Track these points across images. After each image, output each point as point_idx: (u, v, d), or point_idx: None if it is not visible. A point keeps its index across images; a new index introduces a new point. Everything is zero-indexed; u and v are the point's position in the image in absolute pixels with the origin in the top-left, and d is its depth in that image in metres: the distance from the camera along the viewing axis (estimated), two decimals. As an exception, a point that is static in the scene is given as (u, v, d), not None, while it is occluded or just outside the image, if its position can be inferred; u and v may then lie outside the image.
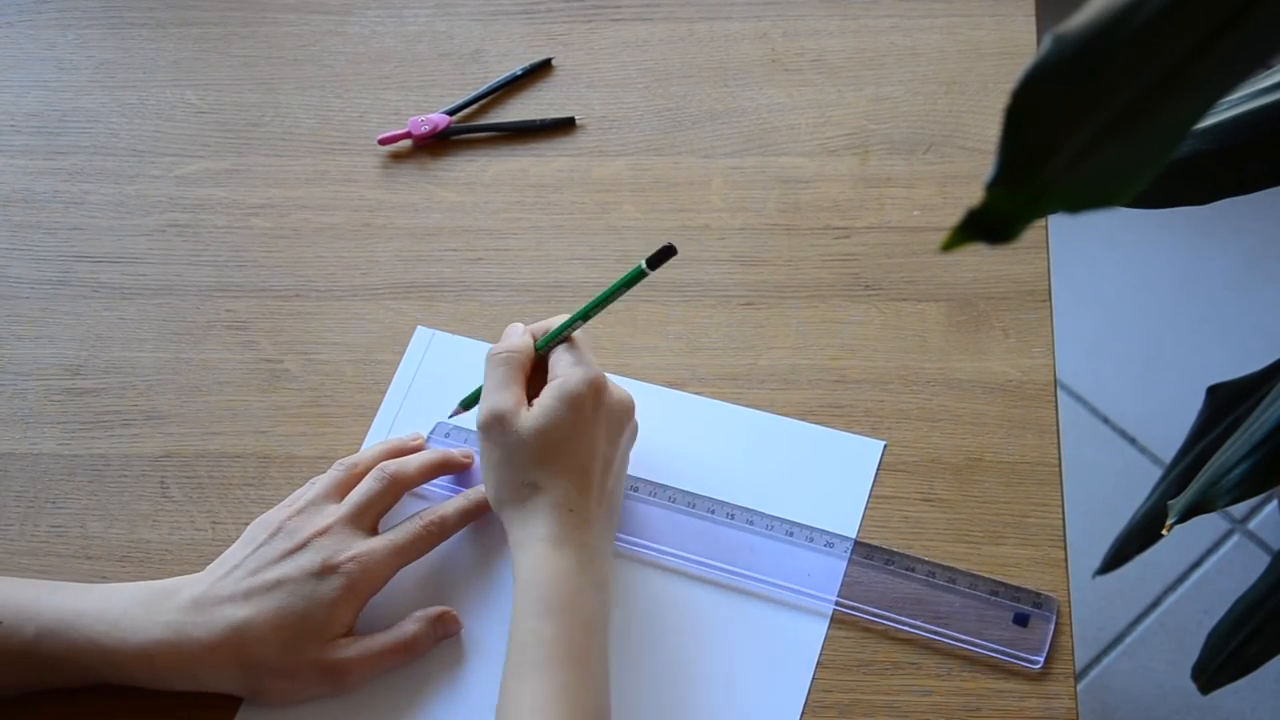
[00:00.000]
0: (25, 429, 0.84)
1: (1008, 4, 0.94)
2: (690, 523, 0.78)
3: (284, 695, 0.72)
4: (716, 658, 0.75)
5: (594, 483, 0.72)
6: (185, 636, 0.70)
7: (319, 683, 0.72)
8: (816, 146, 0.91)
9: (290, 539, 0.73)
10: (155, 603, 0.71)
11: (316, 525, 0.73)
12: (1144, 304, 1.68)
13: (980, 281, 0.85)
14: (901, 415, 0.81)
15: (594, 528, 0.72)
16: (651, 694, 0.74)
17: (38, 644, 0.70)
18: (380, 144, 0.92)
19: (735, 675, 0.74)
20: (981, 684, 0.73)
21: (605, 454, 0.73)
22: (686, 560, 0.77)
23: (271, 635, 0.70)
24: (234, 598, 0.71)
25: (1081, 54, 0.43)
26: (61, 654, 0.70)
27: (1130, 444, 1.60)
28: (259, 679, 0.71)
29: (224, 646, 0.70)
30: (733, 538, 0.77)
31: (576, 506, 0.71)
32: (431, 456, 0.78)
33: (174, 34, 0.98)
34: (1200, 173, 0.79)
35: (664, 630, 0.76)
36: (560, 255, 0.88)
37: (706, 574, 0.77)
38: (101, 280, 0.89)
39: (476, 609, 0.76)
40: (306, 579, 0.71)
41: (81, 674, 0.71)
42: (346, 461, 0.77)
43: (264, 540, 0.73)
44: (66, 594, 0.72)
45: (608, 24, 0.97)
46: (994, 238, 0.43)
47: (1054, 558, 0.76)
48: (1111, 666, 1.48)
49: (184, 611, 0.71)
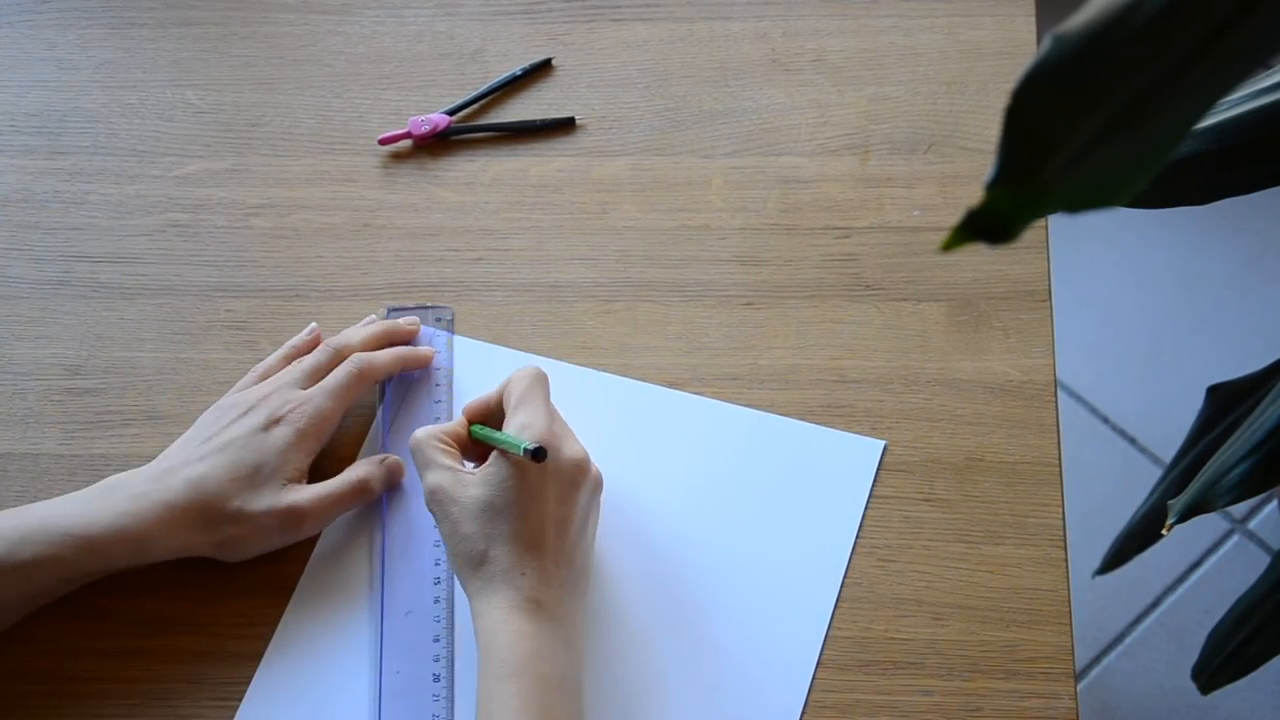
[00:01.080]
0: (25, 429, 0.84)
1: (1008, 4, 0.94)
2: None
3: (247, 545, 0.76)
4: (716, 657, 0.75)
5: (549, 544, 0.71)
6: (150, 502, 0.74)
7: (279, 529, 0.76)
8: (816, 146, 0.91)
9: (235, 409, 0.78)
10: (118, 487, 0.76)
11: (261, 393, 0.79)
12: (1144, 304, 1.68)
13: (980, 281, 0.85)
14: (901, 415, 0.81)
15: (553, 588, 0.70)
16: (651, 694, 0.74)
17: (17, 551, 0.72)
18: (380, 144, 0.92)
19: (736, 675, 0.74)
20: (982, 684, 0.73)
21: (558, 515, 0.71)
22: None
23: (228, 485, 0.75)
24: (189, 462, 0.76)
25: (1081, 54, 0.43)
26: (41, 555, 0.73)
27: (1130, 444, 1.60)
28: (221, 531, 0.75)
29: (185, 504, 0.74)
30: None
31: (529, 569, 0.70)
32: (373, 326, 0.83)
33: (174, 34, 0.98)
34: (1200, 173, 0.79)
35: (663, 630, 0.76)
36: (560, 255, 0.88)
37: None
38: (101, 280, 0.89)
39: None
40: (254, 434, 0.76)
41: (64, 571, 0.74)
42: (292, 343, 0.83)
43: (212, 419, 0.78)
44: (34, 508, 0.75)
45: (608, 24, 0.97)
46: (994, 238, 0.43)
47: (1054, 558, 0.76)
48: (1111, 666, 1.48)
49: (145, 484, 0.75)
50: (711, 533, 0.78)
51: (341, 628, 0.76)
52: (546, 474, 0.71)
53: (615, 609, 0.75)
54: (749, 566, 0.77)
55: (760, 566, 0.77)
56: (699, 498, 0.79)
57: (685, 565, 0.77)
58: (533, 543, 0.70)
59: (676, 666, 0.74)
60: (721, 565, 0.77)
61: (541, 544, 0.70)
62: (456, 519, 0.71)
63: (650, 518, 0.79)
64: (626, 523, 0.78)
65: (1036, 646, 0.74)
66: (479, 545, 0.70)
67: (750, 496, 0.79)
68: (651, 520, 0.79)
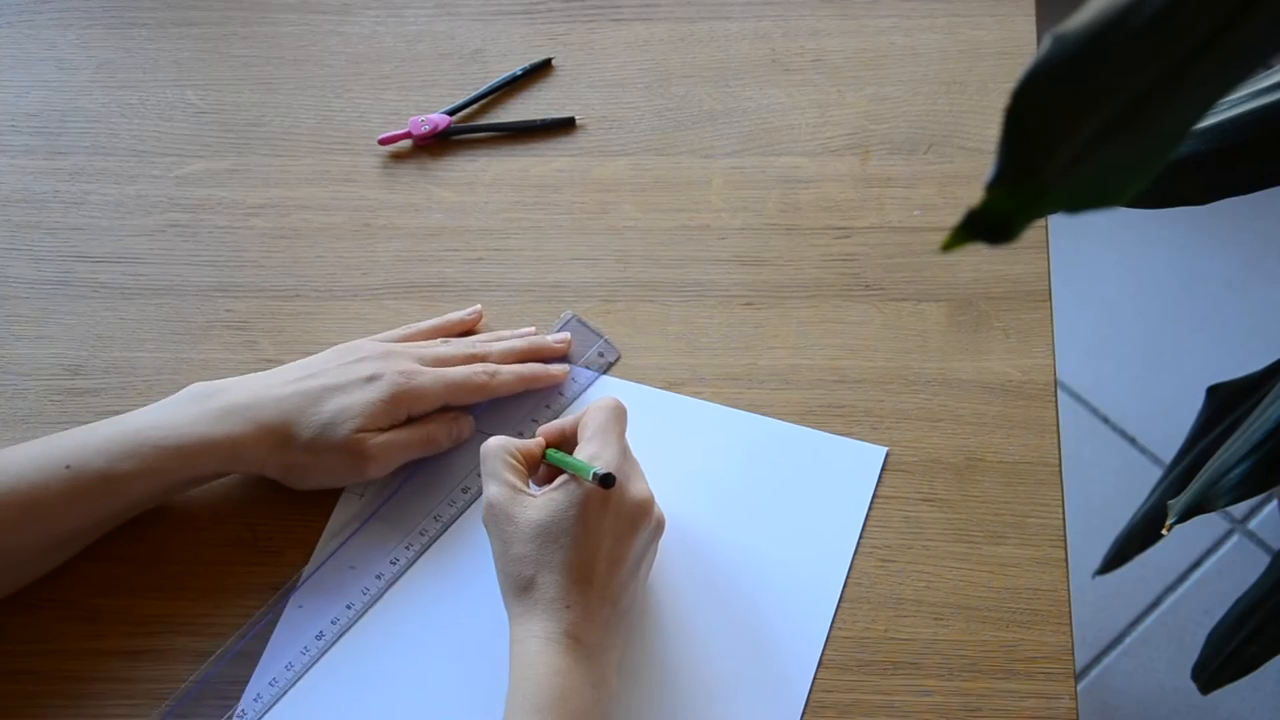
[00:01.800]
0: (25, 429, 0.84)
1: (1008, 4, 0.94)
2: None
3: (310, 476, 0.78)
4: (717, 658, 0.75)
5: (598, 580, 0.70)
6: (240, 419, 0.76)
7: (345, 466, 0.77)
8: (816, 146, 0.91)
9: (352, 354, 0.79)
10: (212, 394, 0.77)
11: (385, 349, 0.80)
12: (1144, 304, 1.68)
13: (980, 281, 0.85)
14: (901, 415, 0.81)
15: (595, 626, 0.69)
16: (652, 695, 0.74)
17: (110, 470, 0.74)
18: (380, 144, 0.92)
19: (736, 675, 0.74)
20: (981, 684, 0.73)
21: (612, 552, 0.70)
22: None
23: (311, 416, 0.76)
24: (286, 383, 0.78)
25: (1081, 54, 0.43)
26: (133, 471, 0.75)
27: (1130, 444, 1.60)
28: (292, 456, 0.76)
29: (270, 423, 0.76)
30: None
31: (574, 603, 0.69)
32: (522, 343, 0.83)
33: (174, 34, 0.98)
34: (1200, 173, 0.79)
35: (665, 630, 0.76)
36: (560, 255, 0.88)
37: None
38: (101, 280, 0.89)
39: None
40: (355, 384, 0.77)
41: (159, 482, 0.76)
42: (474, 340, 0.84)
43: (331, 356, 0.80)
44: (119, 420, 0.77)
45: (608, 24, 0.97)
46: (994, 238, 0.43)
47: (1054, 558, 0.76)
48: (1111, 666, 1.48)
49: (242, 396, 0.77)
50: (714, 536, 0.78)
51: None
52: (608, 509, 0.70)
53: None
54: (751, 569, 0.77)
55: (762, 570, 0.77)
56: (702, 501, 0.79)
57: (687, 567, 0.77)
58: (582, 575, 0.69)
59: (678, 666, 0.74)
60: (723, 568, 0.77)
61: (591, 578, 0.69)
62: (510, 538, 0.71)
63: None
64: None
65: (1036, 646, 0.74)
66: (528, 570, 0.70)
67: (753, 501, 0.79)
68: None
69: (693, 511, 0.79)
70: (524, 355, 0.83)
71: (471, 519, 0.79)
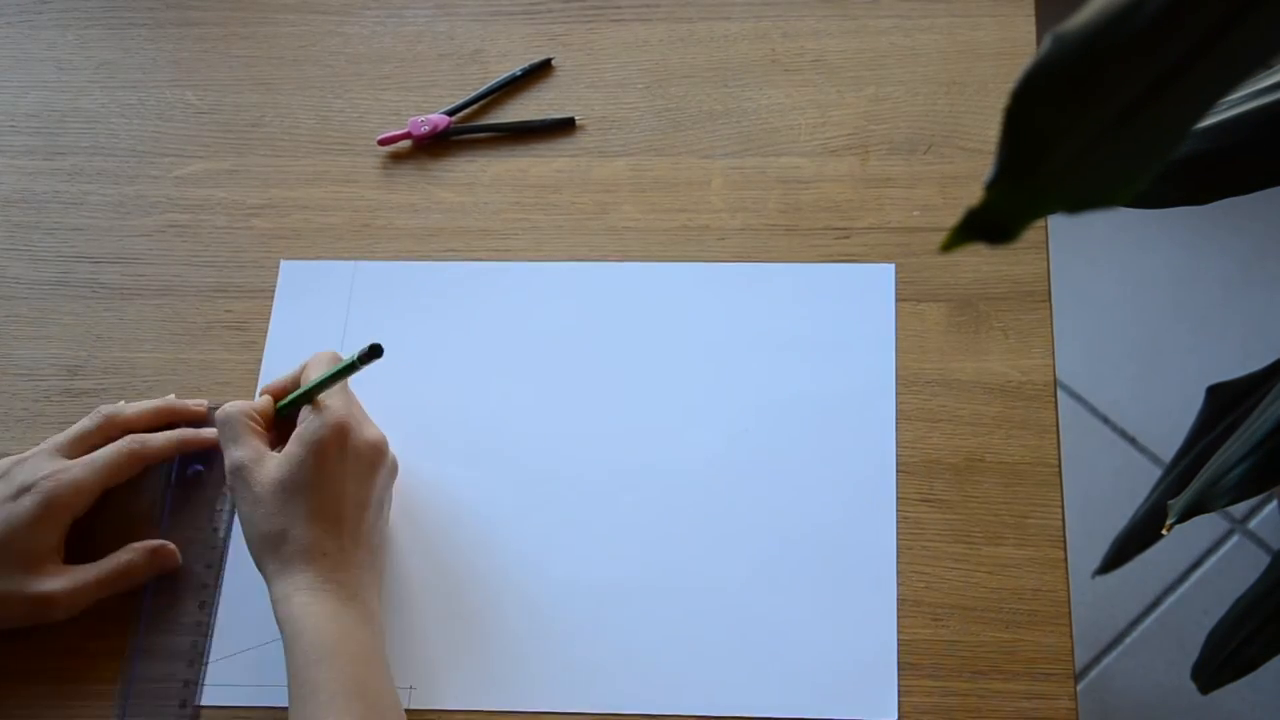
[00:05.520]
0: (25, 429, 0.84)
1: (1008, 4, 0.94)
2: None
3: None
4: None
5: (347, 525, 0.72)
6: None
7: (27, 614, 0.74)
8: (816, 146, 0.91)
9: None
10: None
11: (19, 458, 0.76)
12: (1143, 304, 1.68)
13: (980, 281, 0.85)
14: (901, 415, 0.81)
15: (352, 568, 0.71)
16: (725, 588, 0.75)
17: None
18: (380, 144, 0.92)
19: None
20: (981, 685, 0.73)
21: (357, 496, 0.73)
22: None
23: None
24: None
25: (1081, 54, 0.43)
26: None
27: (1130, 444, 1.60)
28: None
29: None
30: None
31: (330, 550, 0.70)
32: (156, 402, 0.80)
33: (174, 34, 0.98)
34: (1200, 173, 0.79)
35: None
36: (560, 255, 0.88)
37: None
38: (101, 280, 0.89)
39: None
40: (2, 503, 0.73)
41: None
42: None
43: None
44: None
45: (608, 24, 0.97)
46: (994, 238, 0.43)
47: (1054, 558, 0.76)
48: (1111, 666, 1.48)
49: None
50: (746, 398, 0.80)
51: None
52: (346, 455, 0.72)
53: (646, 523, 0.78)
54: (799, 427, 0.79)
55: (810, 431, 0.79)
56: (731, 363, 0.81)
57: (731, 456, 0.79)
58: (331, 522, 0.71)
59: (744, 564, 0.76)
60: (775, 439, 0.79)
61: (340, 523, 0.71)
62: (257, 498, 0.72)
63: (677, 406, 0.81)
64: (660, 421, 0.80)
65: (1036, 647, 0.74)
66: (278, 525, 0.71)
67: (767, 355, 0.81)
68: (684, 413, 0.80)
69: (721, 379, 0.81)
70: (160, 417, 0.80)
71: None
